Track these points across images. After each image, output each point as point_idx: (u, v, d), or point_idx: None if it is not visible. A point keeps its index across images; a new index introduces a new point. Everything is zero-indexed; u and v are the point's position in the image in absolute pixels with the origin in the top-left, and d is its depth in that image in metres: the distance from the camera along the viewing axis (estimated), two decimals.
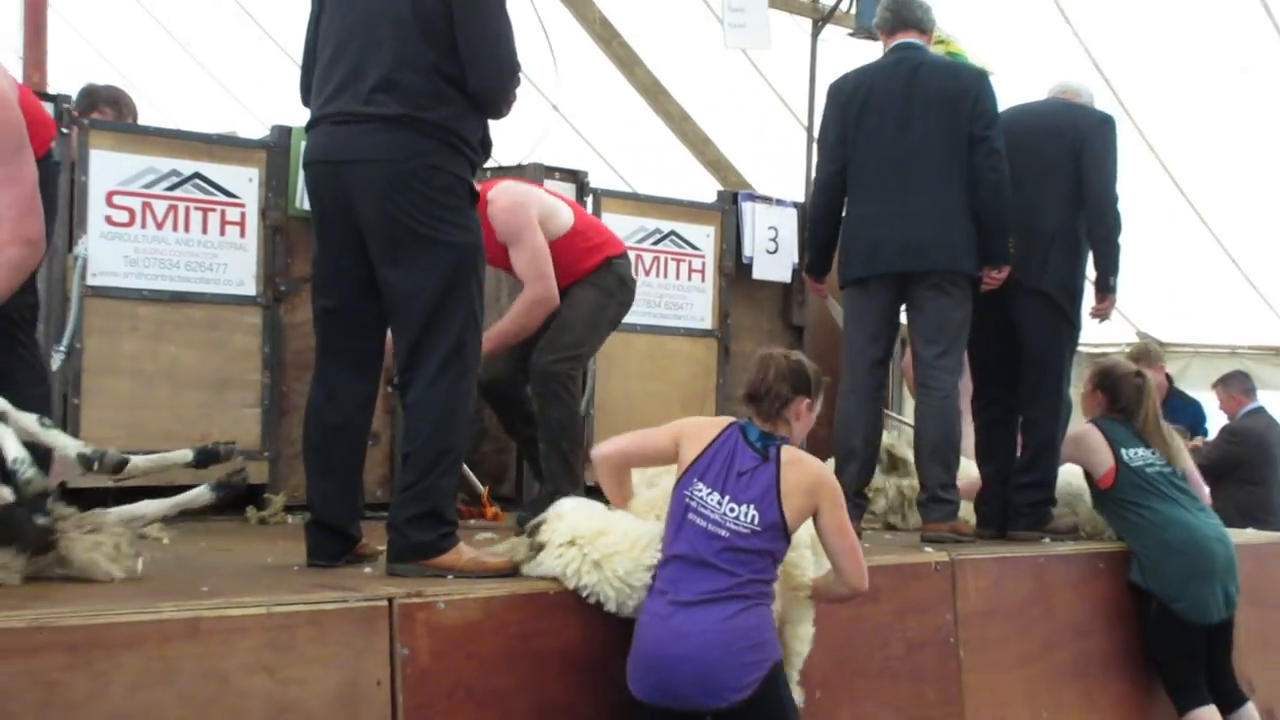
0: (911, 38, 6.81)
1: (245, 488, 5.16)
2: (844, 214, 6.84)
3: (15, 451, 4.41)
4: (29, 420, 4.56)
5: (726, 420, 4.93)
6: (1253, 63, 9.05)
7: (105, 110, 7.23)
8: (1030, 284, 6.87)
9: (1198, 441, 9.64)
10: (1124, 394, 7.04)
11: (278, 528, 6.33)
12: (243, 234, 6.56)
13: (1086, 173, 6.91)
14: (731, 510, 4.70)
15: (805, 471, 4.82)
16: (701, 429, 4.91)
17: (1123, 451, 6.88)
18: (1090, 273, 7.08)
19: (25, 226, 4.66)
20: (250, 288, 6.57)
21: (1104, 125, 7.08)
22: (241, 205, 6.54)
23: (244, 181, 6.55)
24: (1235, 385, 10.41)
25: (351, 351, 5.10)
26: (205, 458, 5.04)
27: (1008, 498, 6.98)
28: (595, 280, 6.47)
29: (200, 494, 5.05)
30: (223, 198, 6.52)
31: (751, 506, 4.70)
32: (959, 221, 6.56)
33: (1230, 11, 8.79)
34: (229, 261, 6.52)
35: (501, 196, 6.32)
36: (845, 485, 6.71)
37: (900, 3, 6.89)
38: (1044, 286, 6.89)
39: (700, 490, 4.75)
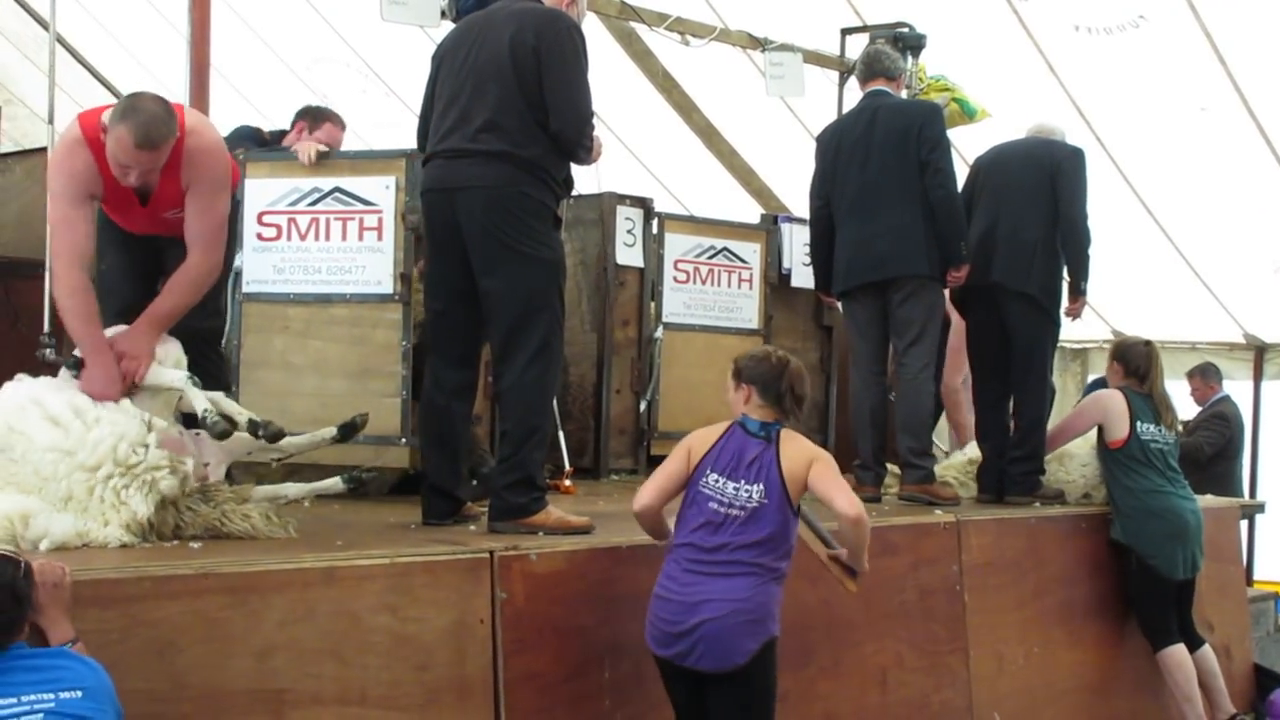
0: (880, 85, 6.78)
1: (372, 480, 5.13)
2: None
3: (203, 404, 4.57)
4: (215, 395, 4.74)
5: (725, 424, 4.56)
6: (1210, 103, 8.96)
7: (328, 121, 6.87)
8: (1016, 288, 6.83)
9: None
10: (1135, 358, 6.95)
11: (396, 493, 6.33)
12: (380, 237, 6.10)
13: (1061, 196, 6.86)
14: (746, 492, 4.40)
15: (800, 446, 4.49)
16: (706, 435, 4.53)
17: (1138, 424, 6.80)
18: (1066, 278, 7.01)
19: (212, 253, 4.77)
20: (388, 286, 6.10)
21: (1075, 156, 7.03)
22: (379, 211, 6.09)
23: (381, 189, 6.11)
24: (1212, 376, 10.32)
25: (454, 346, 5.12)
26: (347, 430, 5.07)
27: (1003, 469, 6.92)
28: None
29: (334, 484, 5.05)
30: (360, 206, 6.12)
31: (760, 484, 4.40)
32: (914, 234, 6.49)
33: (1192, 59, 8.70)
34: (367, 264, 6.12)
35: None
36: (861, 454, 6.69)
37: (871, 57, 6.91)
38: (1028, 290, 6.83)
39: (713, 479, 4.43)
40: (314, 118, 6.93)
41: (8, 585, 3.28)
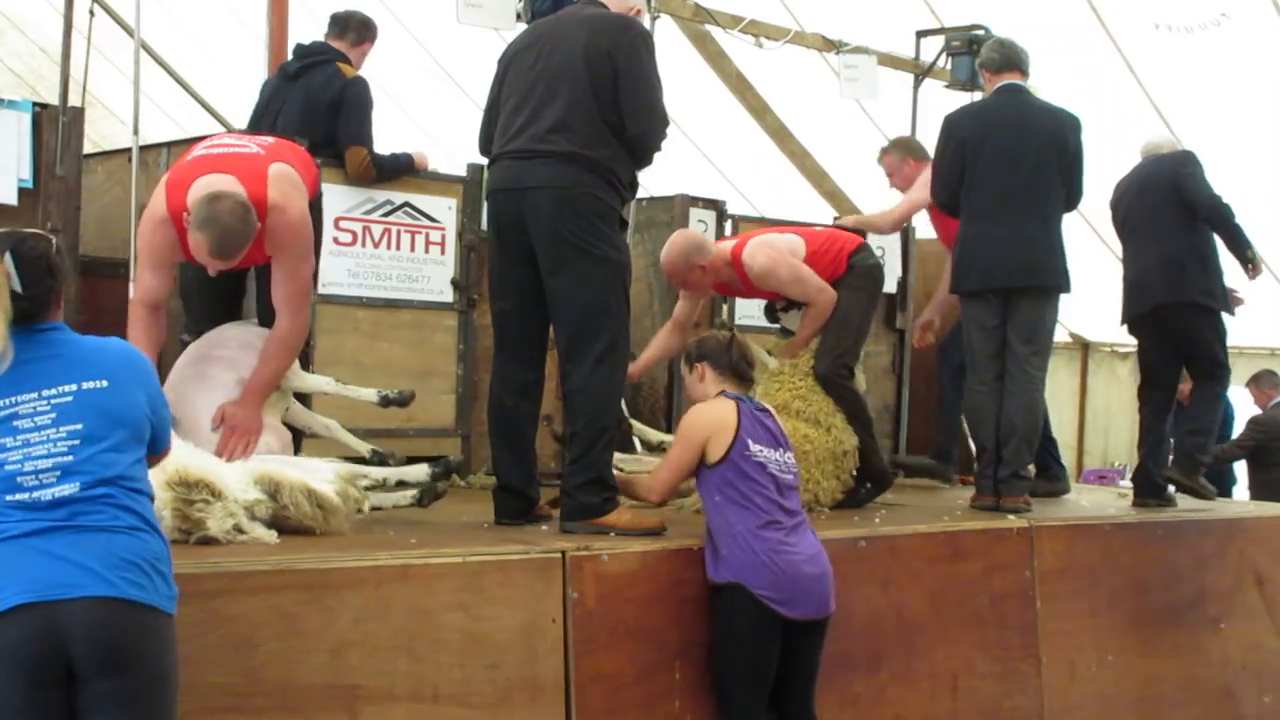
0: (1017, 79, 6.64)
1: (456, 469, 5.26)
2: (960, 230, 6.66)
3: (369, 393, 5.18)
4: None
5: (729, 401, 4.90)
6: None
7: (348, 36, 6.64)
8: (1177, 300, 6.90)
9: None
10: None
11: (469, 493, 6.39)
12: (443, 252, 6.57)
13: (1189, 196, 6.92)
14: (788, 458, 4.91)
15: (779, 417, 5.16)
16: (721, 419, 4.85)
17: None
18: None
19: (300, 316, 4.92)
20: (448, 295, 6.59)
21: (1186, 159, 7.16)
22: (442, 228, 6.56)
23: (444, 209, 6.58)
24: (1265, 382, 10.33)
25: (521, 346, 5.17)
26: (441, 473, 5.23)
27: (1157, 476, 7.08)
28: None
29: (420, 470, 5.17)
30: (427, 222, 6.54)
31: (790, 451, 4.95)
32: (1059, 246, 6.50)
33: (1275, 58, 8.59)
34: (431, 274, 6.55)
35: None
36: (979, 476, 6.59)
37: (1008, 45, 6.77)
38: (1188, 297, 6.89)
39: (758, 449, 4.80)
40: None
41: (41, 257, 3.27)
